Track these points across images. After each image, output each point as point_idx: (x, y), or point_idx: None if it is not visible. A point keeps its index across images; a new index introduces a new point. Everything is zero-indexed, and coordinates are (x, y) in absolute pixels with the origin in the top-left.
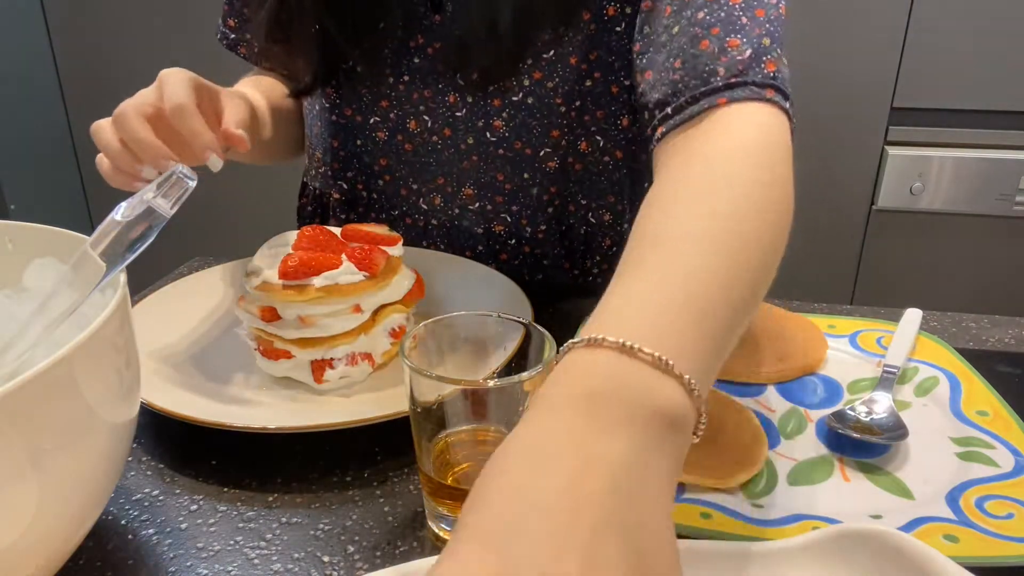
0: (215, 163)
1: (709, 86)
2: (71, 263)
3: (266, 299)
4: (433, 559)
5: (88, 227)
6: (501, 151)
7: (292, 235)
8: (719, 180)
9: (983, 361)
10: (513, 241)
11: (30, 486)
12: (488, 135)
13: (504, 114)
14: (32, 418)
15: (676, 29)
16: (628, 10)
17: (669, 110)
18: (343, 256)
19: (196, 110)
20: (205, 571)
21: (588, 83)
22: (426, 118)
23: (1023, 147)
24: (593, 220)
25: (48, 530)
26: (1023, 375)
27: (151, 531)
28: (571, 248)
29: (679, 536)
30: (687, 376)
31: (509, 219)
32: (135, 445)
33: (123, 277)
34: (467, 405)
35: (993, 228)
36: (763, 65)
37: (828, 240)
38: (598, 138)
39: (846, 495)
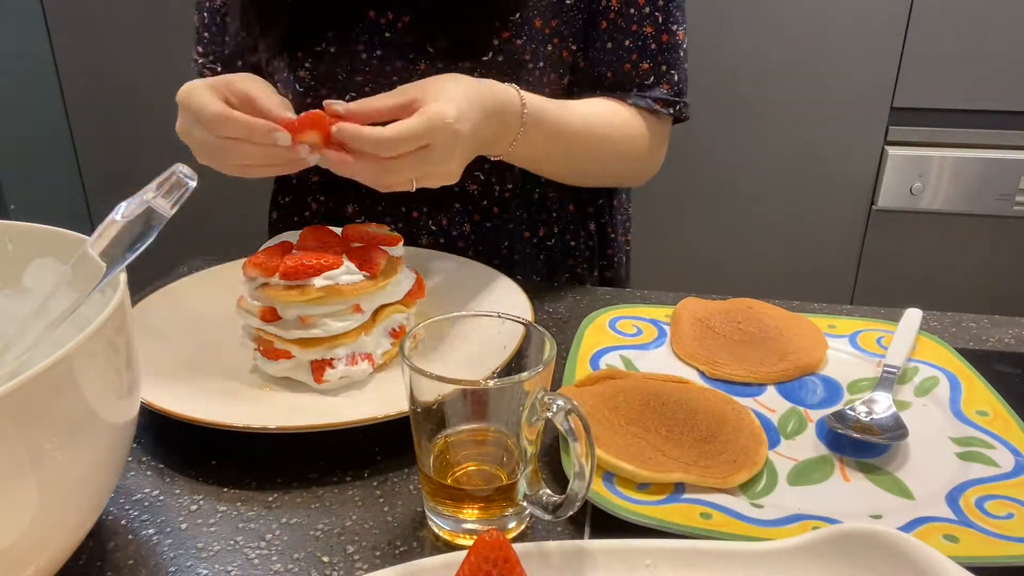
0: (283, 138)
1: (627, 94)
2: (71, 263)
3: (266, 299)
4: (433, 559)
5: (88, 227)
6: None
7: (294, 235)
8: (603, 116)
9: (983, 361)
10: (485, 202)
11: (30, 486)
12: None
13: (476, 73)
14: (32, 418)
15: (610, 45)
16: None
17: (598, 93)
18: (343, 256)
19: (231, 111)
20: (205, 571)
21: (548, 47)
22: None
23: (1023, 147)
24: (544, 181)
25: (48, 530)
26: (1023, 375)
27: (151, 531)
28: (530, 212)
29: (679, 536)
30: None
31: (482, 176)
32: (135, 445)
33: (123, 277)
34: (467, 405)
35: (993, 228)
36: (660, 86)
37: (828, 240)
38: (549, 96)
39: (846, 495)
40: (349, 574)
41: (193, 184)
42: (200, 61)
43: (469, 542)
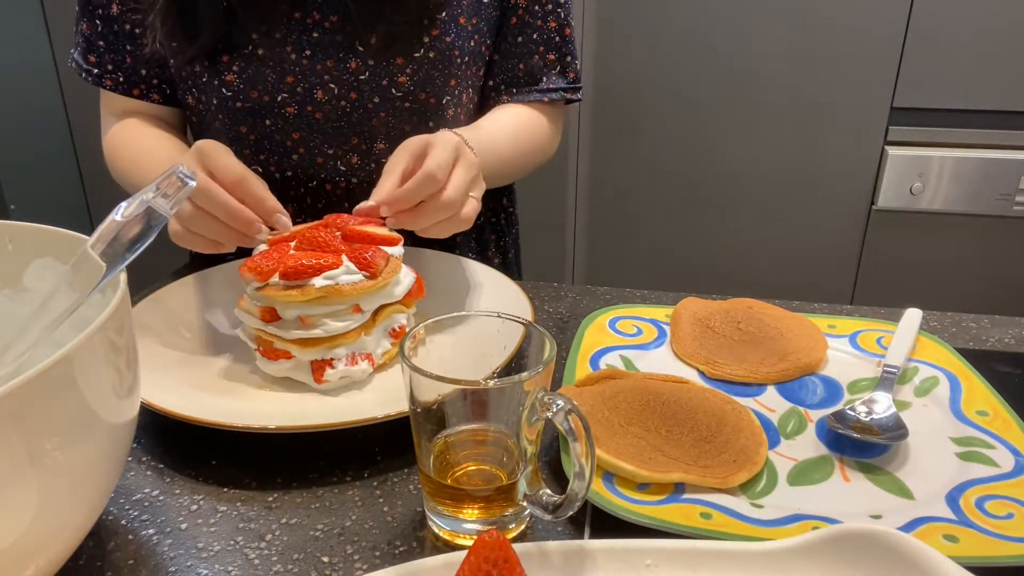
0: (285, 223)
1: (538, 86)
2: (71, 263)
3: (266, 300)
4: (433, 559)
5: (88, 227)
6: (407, 104)
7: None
8: (521, 126)
9: (983, 361)
10: None
11: (30, 486)
12: (394, 91)
13: (408, 70)
14: (32, 418)
15: (520, 39)
16: None
17: (515, 90)
18: (343, 256)
19: (256, 178)
20: (205, 571)
21: (471, 43)
22: (332, 86)
23: (1023, 147)
24: None
25: (48, 530)
26: (1023, 375)
27: (151, 531)
28: None
29: (679, 536)
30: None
31: None
32: (135, 445)
33: (123, 277)
34: (467, 405)
35: (993, 228)
36: (567, 73)
37: (828, 240)
38: (471, 91)
39: (846, 495)
40: (349, 574)
41: (193, 184)
42: (95, 72)
43: (469, 542)
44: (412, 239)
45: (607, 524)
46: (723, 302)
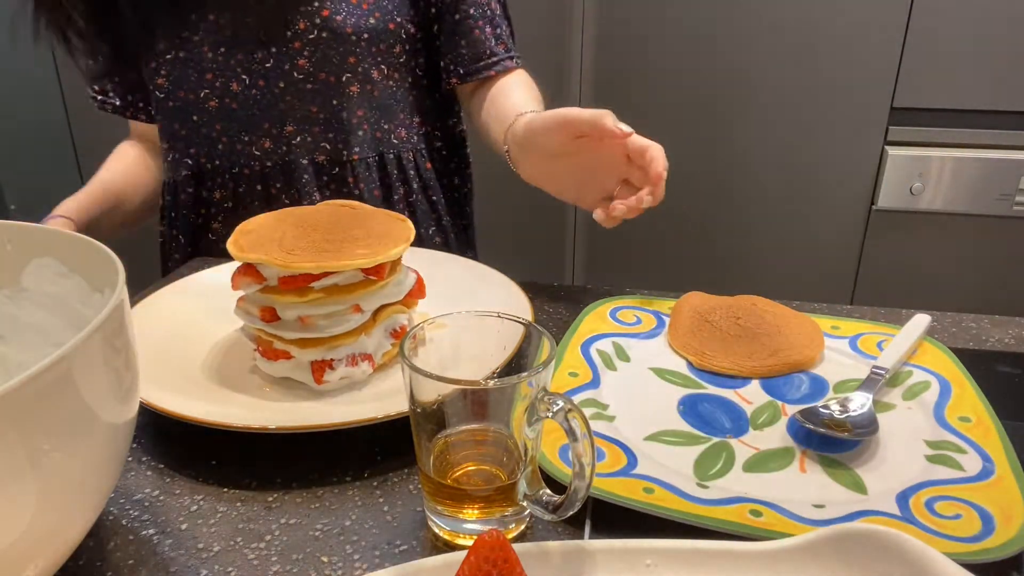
0: None
1: (483, 62)
2: None
3: (266, 300)
4: (433, 559)
5: None
6: (309, 85)
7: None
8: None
9: (983, 361)
10: (336, 170)
11: (30, 486)
12: (295, 74)
13: (306, 52)
14: (31, 418)
15: (457, 16)
16: None
17: (461, 71)
18: None
19: None
20: (205, 571)
21: (371, 20)
22: (244, 77)
23: (1023, 147)
24: (395, 141)
25: (48, 530)
26: (1023, 375)
27: (151, 531)
28: (384, 174)
29: (618, 506)
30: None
31: (328, 147)
32: (135, 445)
33: (122, 276)
34: (467, 405)
35: (993, 228)
36: (509, 47)
37: (828, 240)
38: (383, 67)
39: (796, 485)
40: (349, 574)
41: None
42: (99, 99)
43: (469, 542)
44: (257, 182)
45: (607, 524)
46: (727, 298)
